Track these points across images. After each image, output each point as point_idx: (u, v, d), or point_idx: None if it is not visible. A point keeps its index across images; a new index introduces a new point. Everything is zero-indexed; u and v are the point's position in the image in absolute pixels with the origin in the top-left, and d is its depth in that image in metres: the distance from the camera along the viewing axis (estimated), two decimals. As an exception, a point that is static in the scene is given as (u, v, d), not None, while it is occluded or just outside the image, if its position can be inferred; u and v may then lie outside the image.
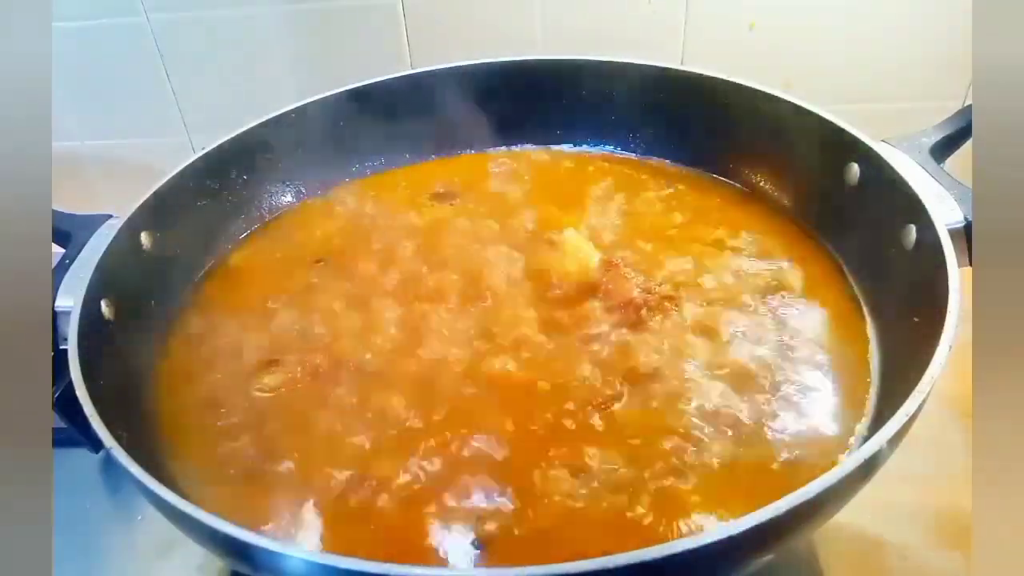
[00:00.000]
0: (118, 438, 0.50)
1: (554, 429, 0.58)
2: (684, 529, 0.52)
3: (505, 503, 0.54)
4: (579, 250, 0.73)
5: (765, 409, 0.59)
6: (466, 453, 0.57)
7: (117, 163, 1.11)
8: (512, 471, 0.56)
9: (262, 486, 0.57)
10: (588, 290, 0.69)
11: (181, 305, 0.74)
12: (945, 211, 0.61)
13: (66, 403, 0.56)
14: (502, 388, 0.62)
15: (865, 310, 0.67)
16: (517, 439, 0.58)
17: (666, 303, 0.67)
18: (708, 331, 0.65)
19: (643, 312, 0.66)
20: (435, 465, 0.57)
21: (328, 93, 0.85)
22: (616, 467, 0.55)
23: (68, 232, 0.69)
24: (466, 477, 0.56)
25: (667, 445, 0.56)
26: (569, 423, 0.59)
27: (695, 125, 0.84)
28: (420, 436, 0.59)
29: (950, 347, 0.50)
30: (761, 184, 0.82)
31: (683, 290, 0.69)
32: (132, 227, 0.69)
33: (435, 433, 0.59)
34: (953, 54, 0.92)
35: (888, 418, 0.46)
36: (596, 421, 0.59)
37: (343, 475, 0.57)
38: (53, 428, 0.45)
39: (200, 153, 0.78)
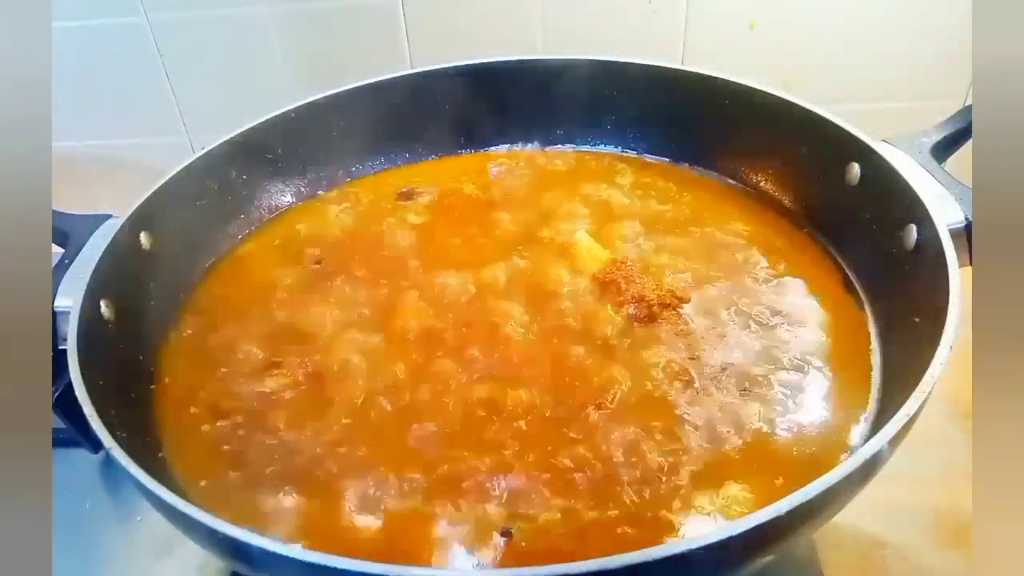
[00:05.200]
0: (118, 438, 0.50)
1: (567, 425, 0.58)
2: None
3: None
4: (589, 251, 0.73)
5: (766, 408, 0.59)
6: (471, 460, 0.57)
7: (117, 163, 1.11)
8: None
9: (262, 486, 0.57)
10: (600, 290, 0.70)
11: (180, 305, 0.74)
12: (946, 211, 0.61)
13: (66, 403, 0.57)
14: (513, 388, 0.61)
15: (866, 309, 0.67)
16: (526, 440, 0.58)
17: (675, 301, 0.67)
18: (713, 330, 0.65)
19: (655, 309, 0.66)
20: (443, 463, 0.57)
21: (328, 93, 0.84)
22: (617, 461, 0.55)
23: (68, 232, 0.69)
24: (476, 480, 0.56)
25: (674, 438, 0.57)
26: (582, 421, 0.59)
27: (695, 125, 0.84)
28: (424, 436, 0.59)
29: (951, 347, 0.50)
30: (762, 184, 0.82)
31: (688, 288, 0.69)
32: (132, 227, 0.69)
33: (439, 433, 0.59)
34: (953, 54, 0.92)
35: (889, 418, 0.46)
36: (599, 418, 0.59)
37: (344, 474, 0.57)
38: (53, 428, 0.45)
39: (200, 153, 0.78)
